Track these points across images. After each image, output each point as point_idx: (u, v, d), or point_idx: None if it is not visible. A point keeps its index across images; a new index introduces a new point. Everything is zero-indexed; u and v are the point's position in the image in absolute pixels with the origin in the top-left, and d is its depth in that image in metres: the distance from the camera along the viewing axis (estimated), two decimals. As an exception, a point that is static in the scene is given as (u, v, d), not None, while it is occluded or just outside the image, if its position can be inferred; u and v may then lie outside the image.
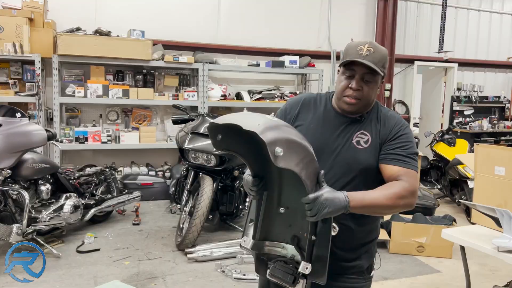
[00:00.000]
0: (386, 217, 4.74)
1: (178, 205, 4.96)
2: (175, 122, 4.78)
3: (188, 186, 4.43)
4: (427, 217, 4.59)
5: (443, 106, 9.01)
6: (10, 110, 3.80)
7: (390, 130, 1.64)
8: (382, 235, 4.44)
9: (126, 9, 6.36)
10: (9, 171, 3.66)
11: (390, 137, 1.63)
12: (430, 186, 6.53)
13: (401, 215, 4.63)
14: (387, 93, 8.14)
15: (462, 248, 2.58)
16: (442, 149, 6.42)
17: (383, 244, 4.46)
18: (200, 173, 4.39)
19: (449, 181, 6.08)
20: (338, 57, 7.76)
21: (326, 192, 1.40)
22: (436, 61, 8.59)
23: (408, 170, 1.57)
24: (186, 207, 4.33)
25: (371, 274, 1.75)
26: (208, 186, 4.21)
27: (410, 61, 8.50)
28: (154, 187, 6.09)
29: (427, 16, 8.61)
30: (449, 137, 6.51)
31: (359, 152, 1.61)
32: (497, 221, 2.33)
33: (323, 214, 1.38)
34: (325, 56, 7.66)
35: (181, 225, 4.30)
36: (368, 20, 8.08)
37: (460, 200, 5.56)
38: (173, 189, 5.26)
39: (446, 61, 8.43)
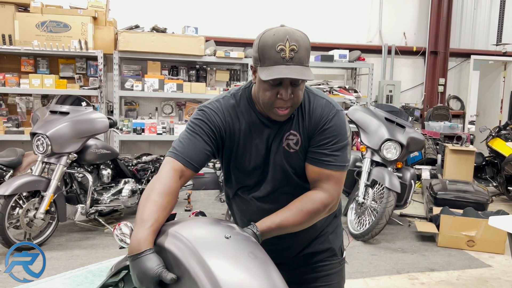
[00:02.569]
0: (435, 211, 4.68)
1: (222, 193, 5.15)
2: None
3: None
4: (479, 212, 4.47)
5: (501, 102, 8.61)
6: (77, 99, 4.15)
7: (316, 124, 1.45)
8: (431, 228, 4.40)
9: (180, 7, 6.65)
10: (75, 155, 4.00)
11: (316, 133, 1.45)
12: (485, 183, 6.30)
13: (451, 209, 4.55)
14: (441, 88, 7.93)
15: (510, 236, 2.55)
16: (498, 145, 6.17)
17: (431, 238, 4.41)
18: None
19: (506, 178, 5.85)
20: (389, 52, 7.67)
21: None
22: (494, 55, 8.24)
23: (329, 173, 1.43)
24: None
25: (344, 256, 1.70)
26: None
27: (466, 55, 8.21)
28: (205, 177, 6.33)
29: (486, 8, 8.26)
30: (506, 133, 6.25)
31: (292, 156, 1.47)
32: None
33: None
34: (376, 50, 7.59)
35: (229, 212, 4.47)
36: (422, 13, 7.90)
37: (500, 180, 5.35)
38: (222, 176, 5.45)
39: (505, 54, 8.06)
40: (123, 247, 1.32)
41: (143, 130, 6.23)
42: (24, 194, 3.78)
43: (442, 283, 3.46)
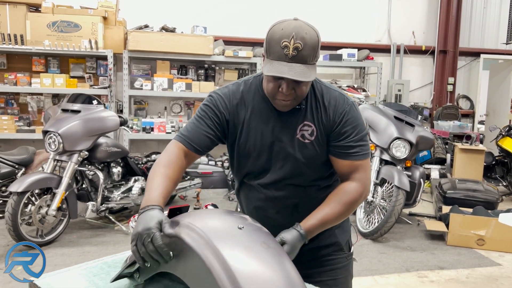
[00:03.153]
0: (445, 209, 4.66)
1: (232, 190, 5.18)
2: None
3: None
4: (489, 211, 4.45)
5: (511, 101, 8.55)
6: (88, 98, 4.20)
7: (333, 118, 1.47)
8: (440, 226, 4.39)
9: (189, 6, 6.70)
10: (86, 153, 4.04)
11: (335, 127, 1.47)
12: (495, 183, 6.26)
13: (461, 208, 4.53)
14: (450, 87, 7.90)
15: (521, 233, 2.54)
16: (509, 144, 6.13)
17: (441, 237, 4.40)
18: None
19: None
20: (398, 51, 7.65)
21: (286, 250, 1.32)
22: (504, 54, 8.18)
23: (358, 163, 1.48)
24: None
25: (351, 251, 1.71)
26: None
27: (475, 54, 8.17)
28: (213, 176, 6.36)
29: (495, 7, 8.21)
30: (517, 132, 6.21)
31: (306, 147, 1.48)
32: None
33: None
34: (385, 50, 7.58)
35: (238, 210, 4.50)
36: (431, 11, 7.87)
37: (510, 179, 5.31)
38: (231, 175, 5.48)
39: (515, 53, 8.02)
40: None
41: (152, 129, 6.28)
42: (36, 191, 3.83)
43: (452, 281, 3.45)
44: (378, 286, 3.32)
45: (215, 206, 1.49)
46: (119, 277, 1.35)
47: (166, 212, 1.38)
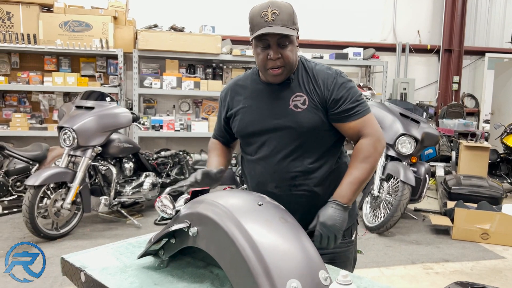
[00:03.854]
0: (450, 205, 4.74)
1: (244, 185, 5.29)
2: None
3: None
4: (494, 206, 4.52)
5: (517, 100, 8.59)
6: (101, 95, 4.32)
7: (327, 87, 1.58)
8: (445, 221, 4.46)
9: (198, 6, 6.81)
10: (100, 148, 4.16)
11: (332, 95, 1.57)
12: (499, 180, 6.32)
13: (466, 203, 4.61)
14: (455, 86, 7.95)
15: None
16: (514, 141, 6.20)
17: (446, 231, 4.48)
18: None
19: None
20: (403, 50, 7.73)
21: (321, 220, 1.46)
22: (509, 53, 8.24)
23: (363, 119, 1.58)
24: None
25: (353, 238, 1.74)
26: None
27: (480, 53, 8.22)
28: (221, 173, 6.45)
29: (500, 6, 8.26)
30: (521, 129, 6.27)
31: (299, 115, 1.57)
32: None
33: (339, 236, 1.47)
34: (390, 49, 7.65)
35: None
36: (436, 11, 7.94)
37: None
38: (238, 171, 5.59)
39: (520, 51, 8.07)
40: (164, 218, 1.45)
41: (161, 127, 6.39)
42: (52, 185, 3.95)
43: (456, 273, 3.53)
44: (384, 277, 3.41)
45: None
46: (145, 254, 1.45)
47: (188, 195, 1.49)
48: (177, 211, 1.41)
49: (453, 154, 6.71)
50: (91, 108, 4.17)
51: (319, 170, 1.62)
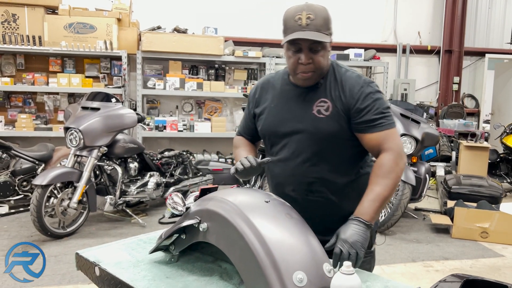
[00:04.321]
0: (450, 204, 4.80)
1: (247, 184, 5.36)
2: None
3: (257, 168, 4.80)
4: (493, 205, 4.59)
5: (517, 100, 8.65)
6: (106, 96, 4.39)
7: (353, 95, 1.54)
8: (445, 220, 4.53)
9: (201, 8, 6.88)
10: (105, 148, 4.23)
11: (356, 104, 1.53)
12: (499, 179, 6.38)
13: (465, 203, 4.67)
14: (455, 87, 8.02)
15: (520, 221, 2.69)
16: (513, 141, 6.26)
17: (446, 230, 4.54)
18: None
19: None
20: (404, 51, 7.79)
21: (342, 237, 1.36)
22: (509, 53, 8.30)
23: (385, 132, 1.52)
24: (255, 186, 4.70)
25: (372, 249, 1.70)
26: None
27: (480, 54, 8.28)
28: (223, 173, 6.52)
29: (500, 7, 8.32)
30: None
31: (320, 121, 1.55)
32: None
33: (360, 256, 1.34)
34: (391, 49, 7.72)
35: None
36: (436, 12, 8.01)
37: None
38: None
39: (519, 52, 8.13)
40: (175, 215, 1.52)
41: (164, 127, 6.47)
42: (58, 185, 4.03)
43: (456, 271, 3.60)
44: (385, 274, 3.47)
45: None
46: (156, 249, 1.53)
47: (197, 192, 1.56)
48: (187, 208, 1.48)
49: (453, 154, 6.78)
50: (97, 109, 4.24)
51: (337, 179, 1.60)
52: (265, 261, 1.15)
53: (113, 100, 4.33)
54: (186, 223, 1.36)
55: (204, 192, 1.51)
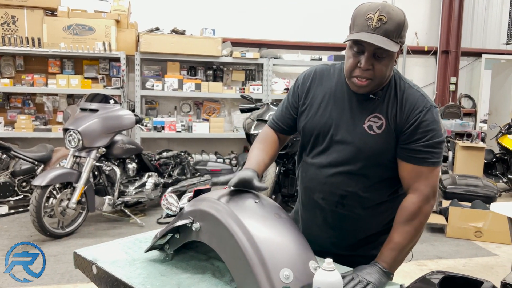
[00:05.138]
0: (445, 204, 4.86)
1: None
2: (243, 111, 5.22)
3: (254, 168, 4.85)
4: (487, 205, 4.64)
5: (514, 100, 8.71)
6: (105, 97, 4.44)
7: (407, 116, 1.40)
8: (439, 219, 4.58)
9: (199, 9, 6.94)
10: (104, 149, 4.28)
11: (407, 126, 1.40)
12: (495, 179, 6.44)
13: (460, 202, 4.73)
14: (452, 87, 8.08)
15: (510, 220, 2.74)
16: (508, 141, 6.31)
17: (441, 229, 4.59)
18: (265, 157, 4.79)
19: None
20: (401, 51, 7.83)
21: (357, 272, 1.32)
22: (506, 54, 8.36)
23: (423, 168, 1.40)
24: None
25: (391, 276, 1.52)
26: (271, 170, 4.59)
27: (477, 54, 8.34)
28: (221, 173, 6.57)
29: (497, 7, 8.38)
30: (516, 129, 6.39)
31: (371, 138, 1.43)
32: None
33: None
34: (388, 50, 7.78)
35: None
36: (433, 13, 8.06)
37: (510, 176, 5.51)
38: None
39: (515, 53, 8.19)
40: (169, 215, 1.57)
41: (163, 128, 6.52)
42: (58, 185, 4.08)
43: (449, 269, 3.62)
44: (379, 273, 3.52)
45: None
46: (151, 248, 1.58)
47: (191, 193, 1.61)
48: (181, 209, 1.53)
49: (450, 154, 6.83)
50: (96, 110, 4.30)
51: (371, 197, 1.50)
52: (254, 259, 1.20)
53: (112, 101, 4.38)
54: (180, 223, 1.42)
55: (197, 193, 1.56)
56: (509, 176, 6.27)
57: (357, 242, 1.57)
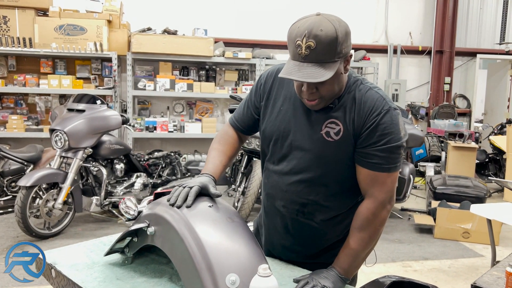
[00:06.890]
0: (434, 204, 4.84)
1: (233, 185, 5.41)
2: (232, 111, 5.21)
3: (242, 169, 4.85)
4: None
5: (508, 101, 8.69)
6: (92, 98, 4.44)
7: (365, 119, 1.34)
8: (428, 220, 4.57)
9: (190, 9, 6.93)
10: (90, 150, 4.29)
11: (364, 129, 1.34)
12: (487, 180, 6.42)
13: (449, 203, 4.72)
14: (446, 87, 8.05)
15: (489, 222, 2.73)
16: (500, 141, 6.29)
17: (429, 230, 4.59)
18: (253, 158, 4.79)
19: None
20: (395, 51, 7.83)
21: (313, 276, 1.35)
22: (500, 54, 8.33)
23: (378, 174, 1.36)
24: (240, 187, 4.75)
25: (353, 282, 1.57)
26: (259, 169, 4.59)
27: (472, 54, 8.31)
28: (214, 173, 6.57)
29: (492, 7, 8.35)
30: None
31: (328, 146, 1.39)
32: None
33: None
34: (382, 50, 7.76)
35: (235, 204, 4.73)
36: (427, 12, 8.04)
37: (490, 178, 5.50)
38: (229, 172, 5.71)
39: (508, 53, 8.15)
40: (129, 219, 1.56)
41: (155, 128, 6.51)
42: (44, 186, 4.08)
43: (434, 271, 3.64)
44: (363, 274, 3.49)
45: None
46: (111, 251, 1.57)
47: (151, 196, 1.61)
48: (139, 212, 1.52)
49: (443, 154, 6.81)
50: (82, 110, 4.30)
51: (332, 206, 1.48)
52: (201, 264, 1.19)
53: (98, 102, 4.39)
54: (135, 226, 1.41)
55: (157, 196, 1.56)
56: (501, 176, 6.25)
57: (318, 250, 1.56)
